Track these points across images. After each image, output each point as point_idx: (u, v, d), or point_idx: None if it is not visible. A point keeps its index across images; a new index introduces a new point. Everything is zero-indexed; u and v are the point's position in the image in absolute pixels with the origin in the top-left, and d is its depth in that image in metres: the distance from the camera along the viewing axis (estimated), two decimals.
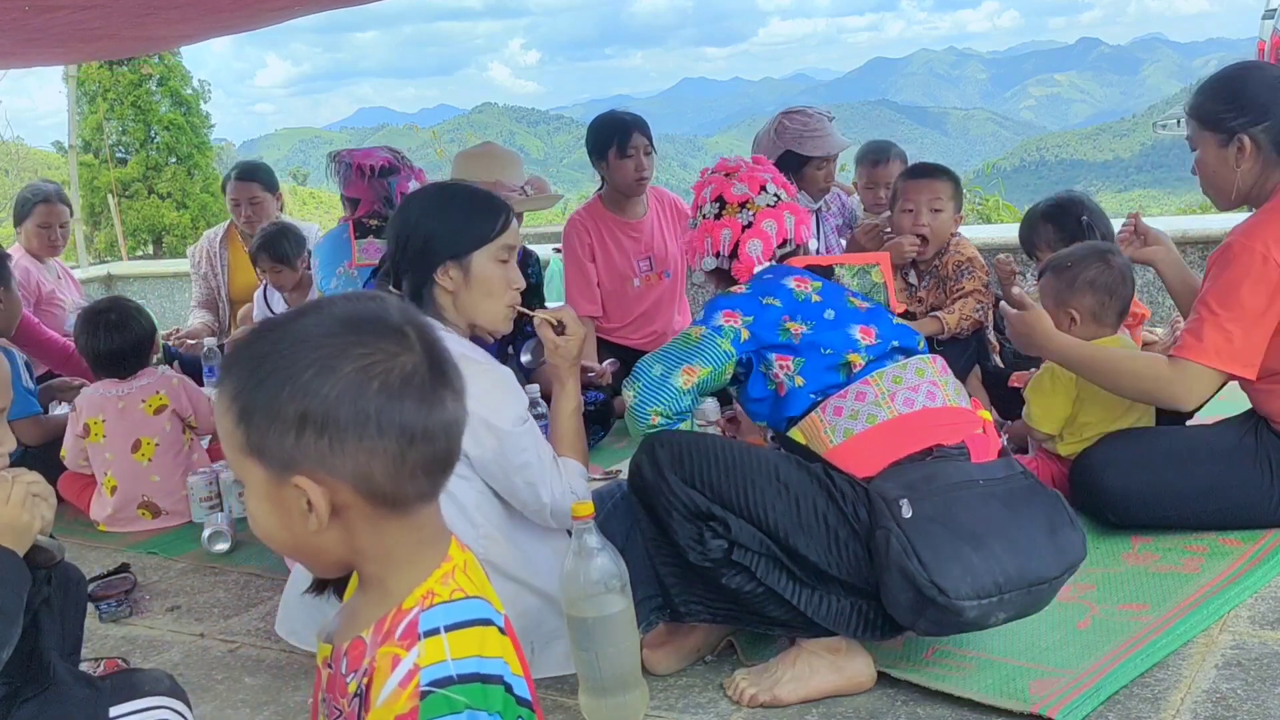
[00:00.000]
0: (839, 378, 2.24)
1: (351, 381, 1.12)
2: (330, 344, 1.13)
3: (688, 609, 2.24)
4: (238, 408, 1.14)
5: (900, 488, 2.07)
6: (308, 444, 1.12)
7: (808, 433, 2.23)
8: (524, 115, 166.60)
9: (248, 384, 1.14)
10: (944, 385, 2.26)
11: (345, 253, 4.06)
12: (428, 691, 1.11)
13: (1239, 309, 2.56)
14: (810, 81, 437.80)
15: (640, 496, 2.21)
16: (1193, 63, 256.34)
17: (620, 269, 4.39)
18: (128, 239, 13.54)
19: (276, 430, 1.12)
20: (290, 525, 1.17)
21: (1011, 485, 2.14)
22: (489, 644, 1.17)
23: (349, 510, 1.16)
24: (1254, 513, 2.68)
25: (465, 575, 1.22)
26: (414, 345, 1.16)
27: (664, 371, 2.28)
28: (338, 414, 1.11)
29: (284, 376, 1.12)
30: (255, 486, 1.17)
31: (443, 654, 1.14)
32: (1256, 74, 2.72)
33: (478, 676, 1.14)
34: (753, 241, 2.43)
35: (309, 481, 1.13)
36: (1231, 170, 2.69)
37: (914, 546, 1.99)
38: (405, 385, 1.14)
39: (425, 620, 1.16)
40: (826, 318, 2.29)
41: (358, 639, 1.20)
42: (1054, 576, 2.07)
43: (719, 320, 2.31)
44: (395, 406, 1.13)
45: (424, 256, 2.29)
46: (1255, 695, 2.04)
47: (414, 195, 2.45)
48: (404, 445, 1.14)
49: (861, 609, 2.12)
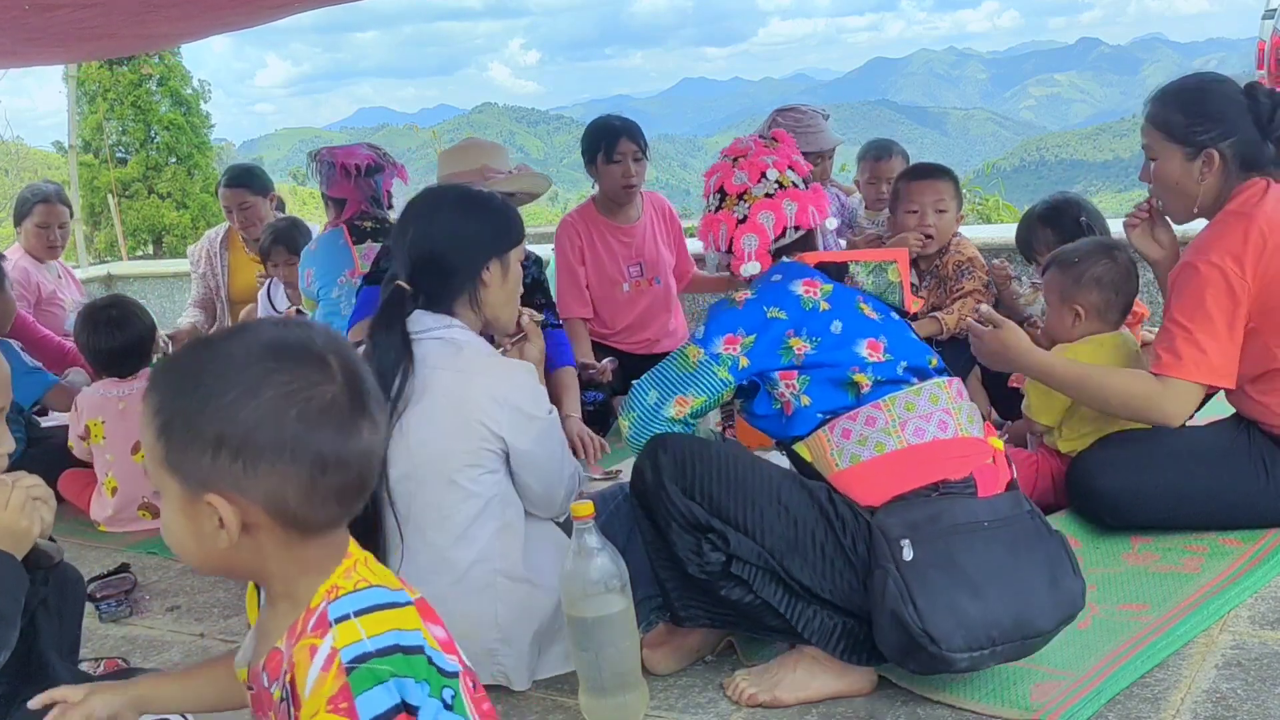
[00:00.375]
0: (848, 398, 2.18)
1: (271, 408, 1.15)
2: (254, 369, 1.16)
3: (687, 613, 2.24)
4: (159, 422, 1.18)
5: (903, 526, 2.04)
6: (223, 465, 1.16)
7: (814, 451, 2.20)
8: (524, 115, 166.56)
9: (172, 400, 1.18)
10: (957, 413, 2.20)
11: (345, 260, 4.00)
12: (351, 667, 1.15)
13: (1208, 322, 2.56)
14: (810, 81, 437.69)
15: (640, 501, 2.21)
16: (1193, 63, 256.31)
17: (609, 273, 4.37)
18: (128, 239, 13.54)
19: (195, 449, 1.16)
20: (201, 539, 1.21)
21: (1017, 529, 2.10)
22: (403, 620, 1.21)
23: (260, 530, 1.20)
24: (1251, 512, 2.68)
25: (367, 568, 1.27)
26: (335, 375, 1.19)
27: (658, 400, 2.26)
28: (254, 439, 1.15)
29: (206, 397, 1.16)
30: (171, 500, 1.21)
31: (358, 634, 1.17)
32: (1219, 88, 2.72)
33: (397, 648, 1.17)
34: (747, 237, 2.38)
35: (222, 500, 1.17)
36: (1195, 183, 2.69)
37: (910, 593, 1.97)
38: (323, 414, 1.17)
39: (334, 609, 1.19)
40: (833, 331, 2.22)
41: (273, 650, 1.24)
42: (1049, 630, 2.06)
43: (718, 347, 2.24)
44: (311, 434, 1.16)
45: (472, 256, 2.32)
46: (1255, 695, 2.04)
47: (432, 200, 2.42)
48: (317, 473, 1.17)
49: (853, 631, 2.12)
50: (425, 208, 2.39)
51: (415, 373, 2.20)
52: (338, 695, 1.14)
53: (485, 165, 3.63)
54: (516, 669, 2.26)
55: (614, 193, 4.29)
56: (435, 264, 2.30)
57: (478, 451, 2.22)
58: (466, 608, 2.19)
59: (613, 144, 4.21)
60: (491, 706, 1.32)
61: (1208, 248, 2.61)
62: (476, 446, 2.21)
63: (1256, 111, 2.66)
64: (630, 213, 4.40)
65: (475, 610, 2.21)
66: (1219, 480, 2.68)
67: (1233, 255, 2.56)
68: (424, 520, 2.22)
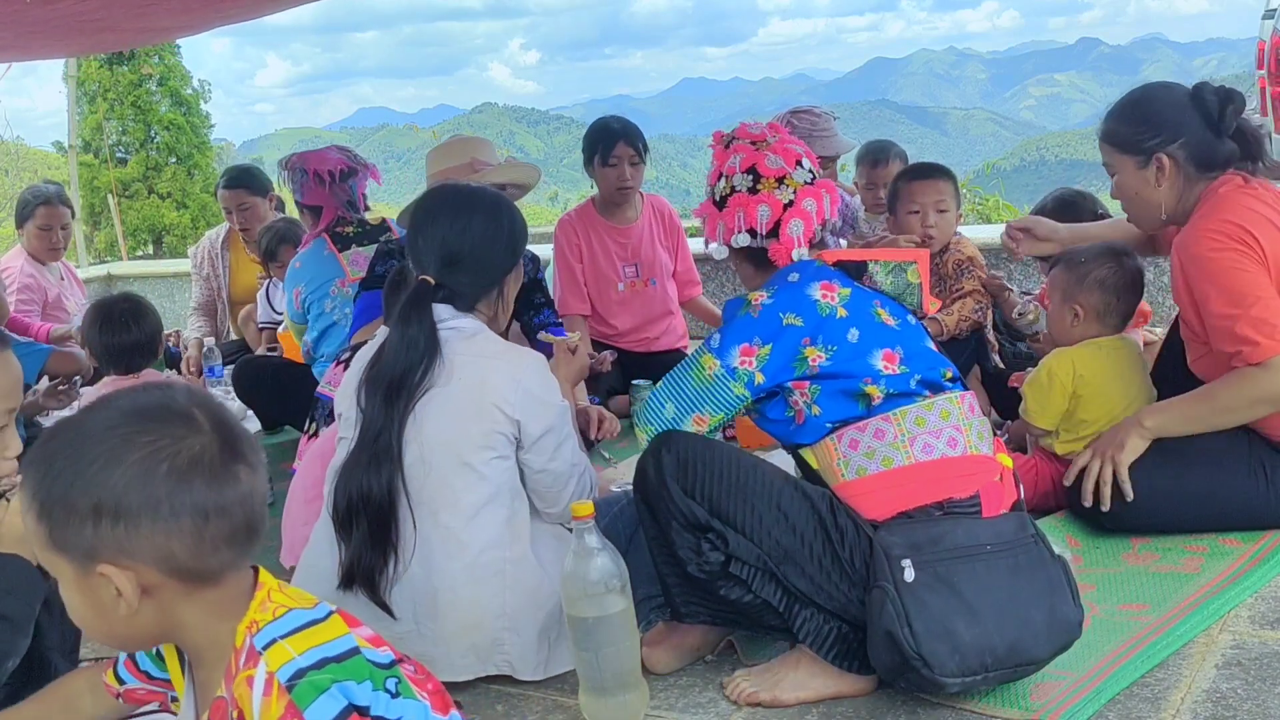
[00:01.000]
0: (858, 408, 2.16)
1: (139, 469, 1.17)
2: (114, 436, 1.19)
3: (688, 609, 2.24)
4: (36, 506, 1.20)
5: (906, 547, 2.03)
6: (104, 533, 1.17)
7: (820, 458, 2.19)
8: (524, 115, 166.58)
9: (42, 483, 1.19)
10: (968, 430, 2.17)
11: (333, 269, 3.95)
12: (291, 685, 1.17)
13: (1254, 293, 2.50)
14: (810, 81, 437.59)
15: (643, 498, 2.21)
16: (1193, 63, 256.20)
17: (604, 272, 4.39)
18: (128, 239, 13.55)
19: (74, 523, 1.17)
20: (104, 613, 1.22)
21: (1019, 554, 2.08)
22: (328, 632, 1.24)
23: (159, 590, 1.21)
24: (1250, 517, 2.67)
25: (282, 594, 1.29)
26: (202, 426, 1.21)
27: (675, 415, 2.25)
28: (128, 501, 1.16)
29: (73, 472, 1.17)
30: (65, 580, 1.22)
31: (288, 654, 1.20)
32: (1164, 93, 2.75)
33: (327, 660, 1.20)
34: (795, 221, 2.29)
35: (112, 568, 1.18)
36: (1153, 190, 2.72)
37: (908, 615, 1.97)
38: (193, 466, 1.19)
39: (259, 639, 1.22)
40: (850, 340, 2.18)
41: (216, 700, 1.25)
42: (1043, 658, 2.05)
43: (734, 359, 2.21)
44: (185, 487, 1.18)
45: (504, 257, 2.40)
46: (1255, 695, 2.04)
47: (463, 200, 2.43)
48: (200, 523, 1.19)
49: (847, 637, 2.12)
50: (455, 207, 2.40)
51: (438, 361, 2.25)
52: (285, 714, 1.16)
53: (474, 158, 3.62)
54: (523, 658, 2.27)
55: (609, 195, 4.33)
56: (470, 263, 2.35)
57: (490, 434, 2.24)
58: (475, 593, 2.22)
59: (610, 147, 4.24)
60: (439, 684, 1.35)
61: (1203, 237, 2.58)
62: (489, 429, 2.24)
63: (1205, 111, 2.67)
64: (628, 214, 4.42)
65: (484, 596, 2.23)
66: (1218, 484, 2.67)
67: (1233, 235, 2.55)
68: (436, 502, 2.23)
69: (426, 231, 2.38)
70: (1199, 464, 2.69)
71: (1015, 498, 2.18)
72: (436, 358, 2.24)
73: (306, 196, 4.00)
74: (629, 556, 2.15)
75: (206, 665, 1.29)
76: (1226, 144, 2.68)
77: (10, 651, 1.77)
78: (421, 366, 2.24)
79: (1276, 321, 2.48)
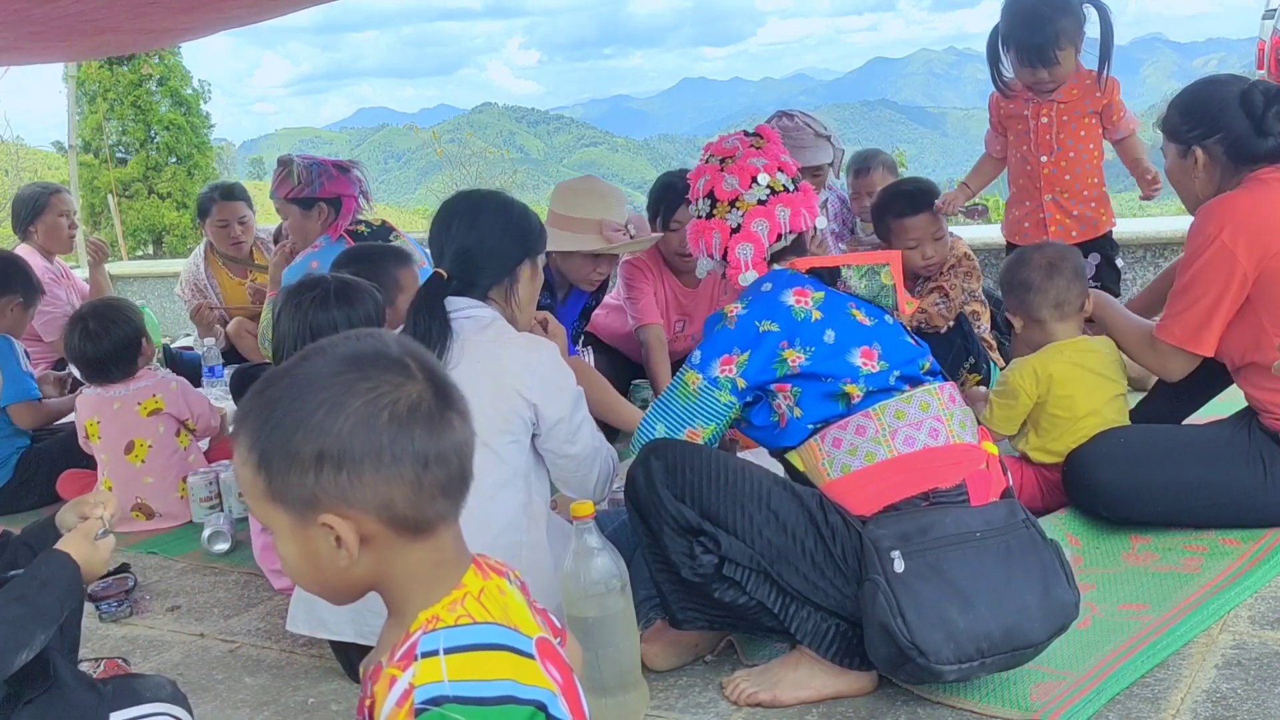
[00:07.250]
0: (838, 408, 2.17)
1: (361, 415, 1.15)
2: (336, 382, 1.16)
3: (685, 616, 2.24)
4: (255, 456, 1.17)
5: (894, 538, 2.04)
6: (327, 481, 1.14)
7: (806, 460, 2.20)
8: (524, 115, 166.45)
9: (262, 432, 1.16)
10: (949, 419, 2.18)
11: None
12: (422, 709, 1.11)
13: (1196, 291, 2.69)
14: (810, 81, 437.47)
15: (634, 506, 2.21)
16: (1192, 63, 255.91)
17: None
18: (128, 239, 13.55)
19: (296, 472, 1.15)
20: (321, 564, 1.20)
21: (1010, 538, 2.08)
22: (496, 668, 1.16)
23: (375, 539, 1.18)
24: (1249, 509, 2.68)
25: (478, 602, 1.23)
26: (416, 375, 1.19)
27: (666, 434, 2.26)
28: (352, 448, 1.14)
29: (296, 419, 1.15)
30: (283, 531, 1.20)
31: (439, 675, 1.14)
32: (1212, 90, 2.82)
33: (478, 700, 1.13)
34: (741, 245, 2.35)
35: (335, 517, 1.16)
36: (1191, 178, 2.84)
37: (900, 606, 1.97)
38: (413, 413, 1.17)
39: (424, 643, 1.17)
40: (826, 341, 2.19)
41: (378, 663, 1.23)
42: (1040, 641, 2.05)
43: (715, 370, 2.24)
44: (406, 434, 1.16)
45: (509, 251, 2.45)
46: (1255, 695, 2.05)
47: (476, 201, 2.53)
48: (419, 470, 1.17)
49: (846, 634, 2.12)
50: (469, 208, 2.52)
51: (451, 346, 2.30)
52: None
53: (604, 219, 3.60)
54: None
55: (670, 259, 4.08)
56: (477, 255, 2.42)
57: (509, 417, 2.27)
58: None
59: (671, 211, 3.95)
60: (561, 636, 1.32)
61: (1207, 225, 2.70)
62: (508, 412, 2.27)
63: (1250, 109, 2.72)
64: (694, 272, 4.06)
65: None
66: (1218, 475, 2.69)
67: (1235, 226, 2.64)
68: None
69: (441, 230, 2.48)
70: (1199, 454, 2.72)
71: (1004, 485, 2.18)
72: (449, 342, 2.29)
73: (327, 187, 3.96)
74: (633, 566, 2.16)
75: (390, 627, 1.26)
76: (1268, 141, 2.72)
77: (25, 643, 1.77)
78: (435, 351, 2.26)
79: (1191, 323, 2.72)
